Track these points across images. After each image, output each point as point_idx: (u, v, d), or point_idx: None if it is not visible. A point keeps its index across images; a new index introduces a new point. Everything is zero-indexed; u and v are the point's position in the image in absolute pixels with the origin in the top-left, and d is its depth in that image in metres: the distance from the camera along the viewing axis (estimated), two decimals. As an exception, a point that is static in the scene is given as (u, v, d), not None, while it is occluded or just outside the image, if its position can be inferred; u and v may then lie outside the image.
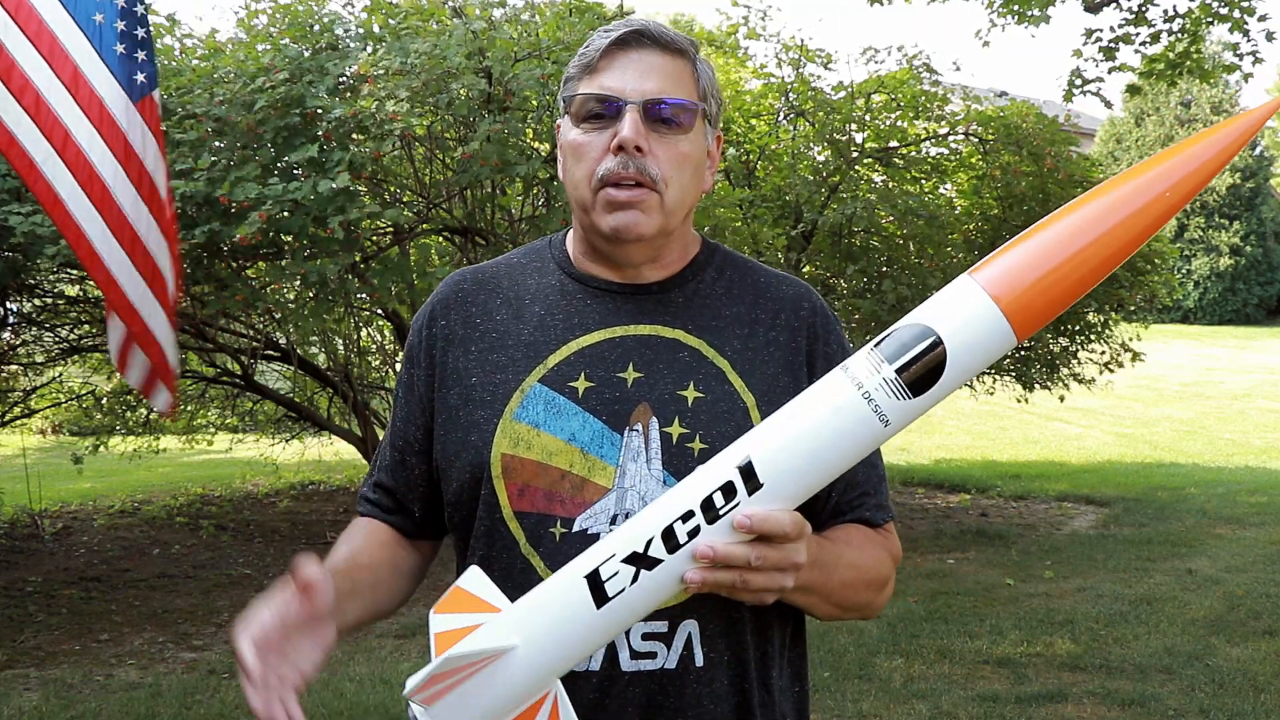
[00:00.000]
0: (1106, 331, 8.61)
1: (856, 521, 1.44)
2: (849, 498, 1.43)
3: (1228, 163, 1.21)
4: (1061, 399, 9.15)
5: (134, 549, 7.45)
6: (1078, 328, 8.44)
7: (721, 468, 1.19)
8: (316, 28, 5.78)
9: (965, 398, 9.94)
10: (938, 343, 1.18)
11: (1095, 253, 1.18)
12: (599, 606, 1.19)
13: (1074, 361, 8.61)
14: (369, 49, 5.63)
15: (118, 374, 3.96)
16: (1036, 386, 8.74)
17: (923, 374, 1.18)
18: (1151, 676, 4.78)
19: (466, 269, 1.52)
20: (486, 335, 1.43)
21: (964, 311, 1.19)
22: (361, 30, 5.90)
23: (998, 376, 8.69)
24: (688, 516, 1.18)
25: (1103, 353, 8.67)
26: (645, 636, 1.33)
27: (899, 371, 1.18)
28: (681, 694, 1.34)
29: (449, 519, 1.45)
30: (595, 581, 1.19)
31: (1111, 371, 8.76)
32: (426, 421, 1.45)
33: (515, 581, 1.31)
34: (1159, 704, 4.44)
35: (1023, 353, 8.37)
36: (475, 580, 1.26)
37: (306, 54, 5.53)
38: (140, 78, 3.82)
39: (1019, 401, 9.30)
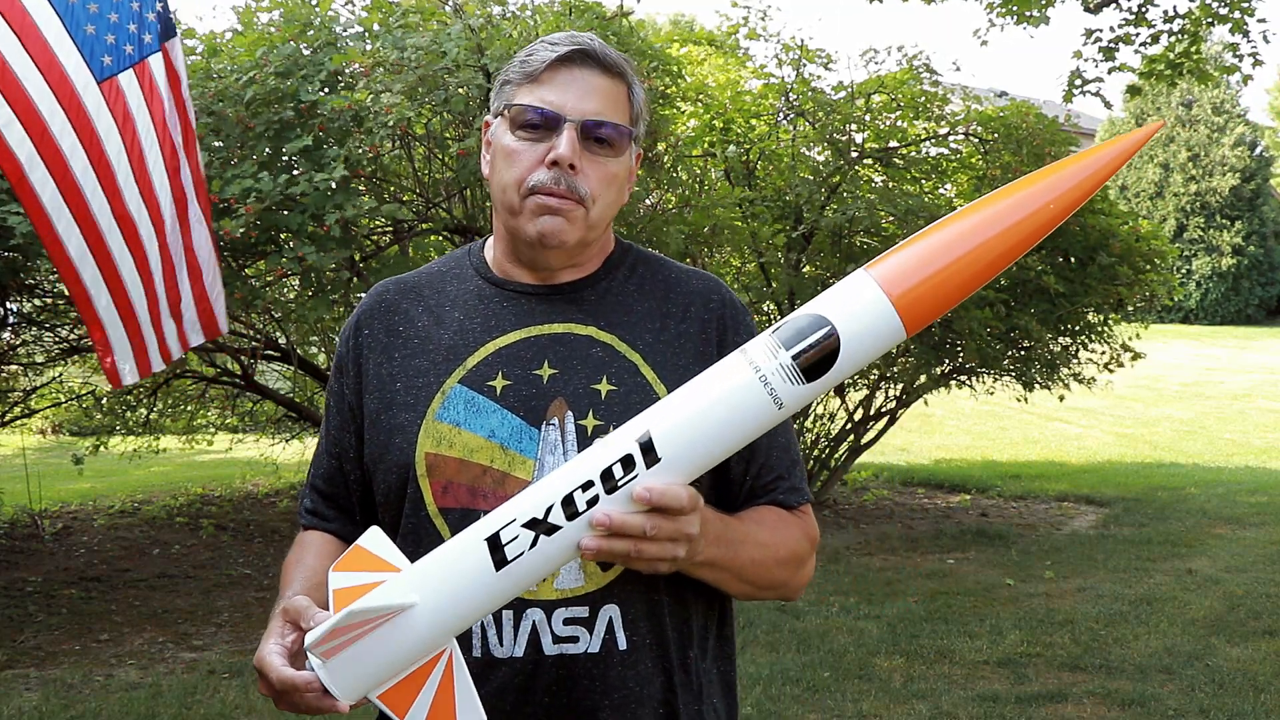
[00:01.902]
0: (1106, 331, 8.59)
1: (771, 504, 1.49)
2: (763, 482, 1.49)
3: (1104, 182, 1.28)
4: (1061, 399, 9.12)
5: (134, 549, 7.45)
6: (1078, 328, 8.43)
7: (622, 441, 1.24)
8: (316, 23, 5.77)
9: (965, 398, 9.92)
10: (832, 332, 1.24)
11: (981, 255, 1.25)
12: (498, 569, 1.23)
13: (1074, 361, 8.59)
14: (368, 46, 5.62)
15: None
16: (1036, 386, 8.71)
17: (817, 361, 1.24)
18: (1151, 676, 4.78)
19: (390, 279, 1.58)
20: (409, 341, 1.50)
21: (858, 304, 1.25)
22: (361, 29, 5.89)
23: (998, 376, 8.66)
24: (587, 486, 1.22)
25: (1103, 353, 8.65)
26: (567, 621, 1.38)
27: (795, 358, 1.24)
28: (606, 677, 1.39)
29: (380, 519, 1.49)
30: (495, 544, 1.23)
31: (1111, 371, 8.74)
32: (358, 428, 1.51)
33: None
34: (1159, 704, 4.45)
35: (1023, 352, 8.35)
36: (375, 540, 1.30)
37: (306, 52, 5.52)
38: (106, 59, 3.85)
39: (1019, 401, 9.27)
